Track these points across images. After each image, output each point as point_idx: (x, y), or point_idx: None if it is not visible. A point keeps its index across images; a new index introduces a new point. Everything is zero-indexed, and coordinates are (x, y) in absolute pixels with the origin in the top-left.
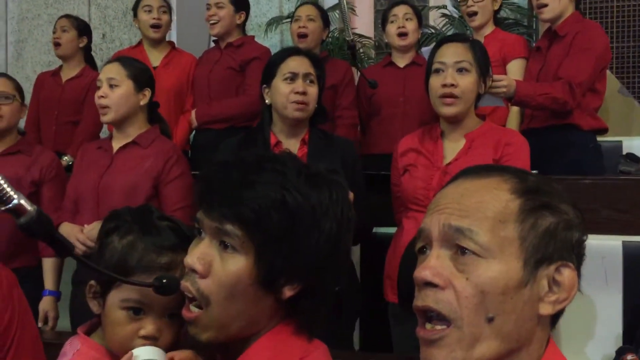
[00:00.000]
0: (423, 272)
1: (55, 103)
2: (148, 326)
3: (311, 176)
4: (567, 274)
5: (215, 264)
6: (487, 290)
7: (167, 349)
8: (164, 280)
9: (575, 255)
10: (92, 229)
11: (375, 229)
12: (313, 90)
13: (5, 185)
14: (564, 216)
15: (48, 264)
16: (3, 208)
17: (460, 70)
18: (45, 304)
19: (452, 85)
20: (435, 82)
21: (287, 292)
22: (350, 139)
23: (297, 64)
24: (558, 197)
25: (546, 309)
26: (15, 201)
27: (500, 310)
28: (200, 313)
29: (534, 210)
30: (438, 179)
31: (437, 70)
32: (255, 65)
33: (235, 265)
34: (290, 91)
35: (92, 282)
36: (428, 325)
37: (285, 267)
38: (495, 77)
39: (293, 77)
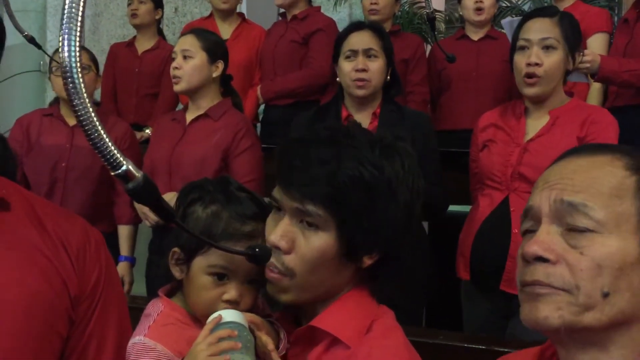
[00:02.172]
0: (533, 246)
1: (134, 75)
2: (231, 291)
3: (384, 147)
4: None
5: (299, 241)
6: (604, 265)
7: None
8: (257, 250)
9: None
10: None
11: None
12: (374, 65)
13: (115, 151)
14: None
15: (124, 231)
16: (113, 173)
17: (546, 47)
18: (121, 269)
19: (537, 64)
20: (519, 60)
21: (367, 261)
22: None
23: (357, 40)
24: None
25: None
26: (124, 167)
27: (615, 286)
28: (282, 276)
29: None
30: (517, 156)
31: (522, 48)
32: (319, 37)
33: (318, 241)
34: (351, 69)
35: (176, 249)
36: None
37: (366, 239)
38: None
39: (353, 54)
